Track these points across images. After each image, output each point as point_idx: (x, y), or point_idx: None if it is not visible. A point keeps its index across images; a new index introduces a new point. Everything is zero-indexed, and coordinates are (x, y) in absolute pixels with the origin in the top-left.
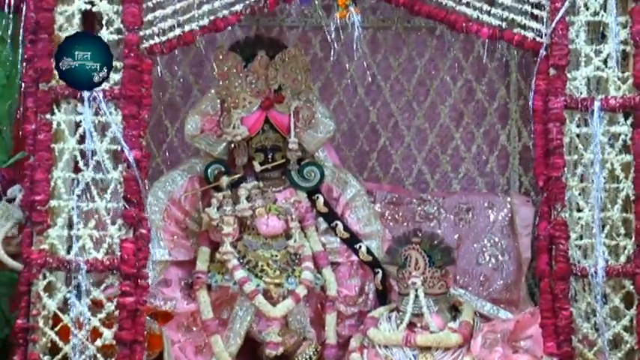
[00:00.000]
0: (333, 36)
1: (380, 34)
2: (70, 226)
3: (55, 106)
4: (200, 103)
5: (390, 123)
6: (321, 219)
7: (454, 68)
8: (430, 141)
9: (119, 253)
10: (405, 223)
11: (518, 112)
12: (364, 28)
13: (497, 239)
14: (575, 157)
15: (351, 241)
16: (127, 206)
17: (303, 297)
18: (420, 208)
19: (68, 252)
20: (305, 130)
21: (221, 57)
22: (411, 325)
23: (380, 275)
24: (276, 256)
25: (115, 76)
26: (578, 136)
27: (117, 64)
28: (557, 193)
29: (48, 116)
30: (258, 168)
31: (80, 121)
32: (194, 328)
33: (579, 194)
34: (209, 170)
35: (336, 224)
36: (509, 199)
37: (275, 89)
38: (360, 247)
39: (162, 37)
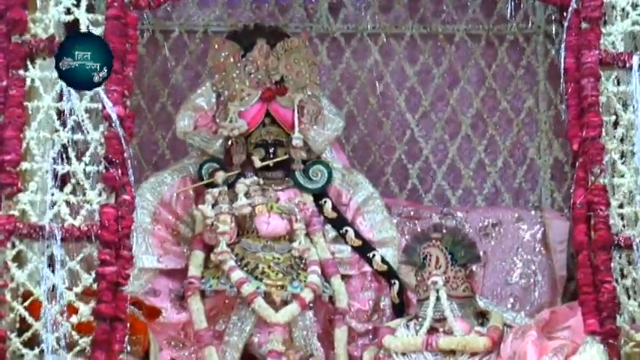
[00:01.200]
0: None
1: (394, 40)
2: (44, 190)
3: (29, 62)
4: (194, 97)
5: (405, 135)
6: (329, 226)
7: (476, 76)
8: (451, 154)
9: (99, 220)
10: None
11: (549, 123)
12: (376, 35)
13: (528, 256)
14: (613, 117)
15: (364, 249)
16: (108, 167)
17: (309, 304)
18: (440, 222)
19: (42, 219)
20: (311, 126)
21: (217, 46)
22: (432, 331)
23: (397, 287)
24: (279, 259)
25: (96, 30)
26: (615, 95)
27: (98, 16)
28: (595, 155)
29: (21, 72)
30: (257, 164)
31: (57, 79)
32: (186, 344)
33: (619, 158)
34: (203, 169)
35: (347, 231)
36: (540, 213)
37: (277, 80)
38: (374, 256)
39: None
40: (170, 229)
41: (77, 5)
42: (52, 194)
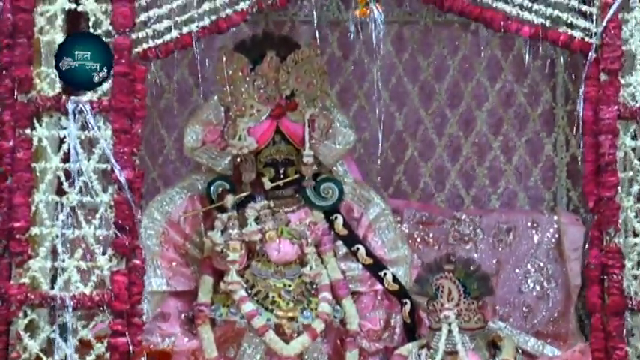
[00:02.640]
0: (352, 32)
1: (406, 30)
2: (54, 256)
3: (35, 120)
4: (201, 111)
5: (418, 131)
6: (340, 242)
7: (492, 68)
8: (465, 151)
9: (110, 287)
10: (437, 246)
11: (566, 118)
12: (389, 23)
13: (542, 264)
14: (630, 173)
15: (375, 267)
16: (118, 234)
17: (321, 332)
18: (453, 229)
19: (52, 286)
20: (321, 141)
21: (224, 58)
22: None
23: (408, 306)
24: (289, 285)
25: (103, 86)
26: (633, 150)
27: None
28: (610, 216)
29: (28, 131)
30: (268, 185)
31: (64, 137)
32: None
33: (635, 217)
34: (212, 188)
35: (358, 248)
36: (555, 217)
37: (287, 95)
38: (385, 274)
39: (157, 40)
40: (179, 249)
41: None
42: (63, 260)
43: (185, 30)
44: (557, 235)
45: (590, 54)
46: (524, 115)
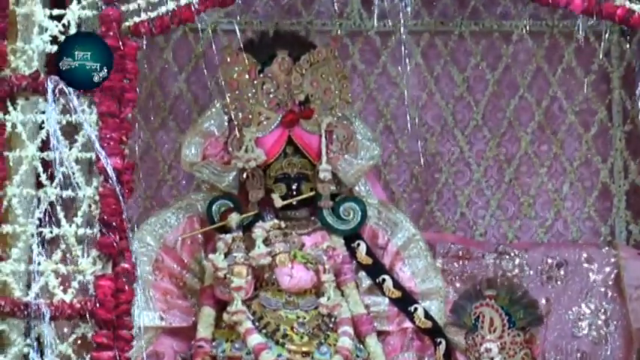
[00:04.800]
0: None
1: (439, 40)
2: (29, 258)
3: (9, 102)
4: (201, 120)
5: (453, 154)
6: (363, 273)
7: (537, 83)
8: (507, 177)
9: (93, 294)
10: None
11: (624, 140)
12: (419, 33)
13: (598, 304)
14: None
15: (404, 302)
16: (103, 232)
17: None
18: (495, 264)
19: (26, 293)
20: (341, 154)
21: (229, 59)
22: None
23: (443, 347)
24: (304, 317)
25: None
26: None
27: None
28: None
29: (0, 115)
30: (278, 203)
31: (42, 122)
32: None
33: None
34: (213, 207)
35: (384, 280)
36: (614, 251)
37: (301, 101)
38: (416, 309)
39: (150, 12)
40: (174, 279)
41: (65, 33)
42: (39, 263)
43: (184, 1)
44: (615, 272)
45: None
46: (575, 137)
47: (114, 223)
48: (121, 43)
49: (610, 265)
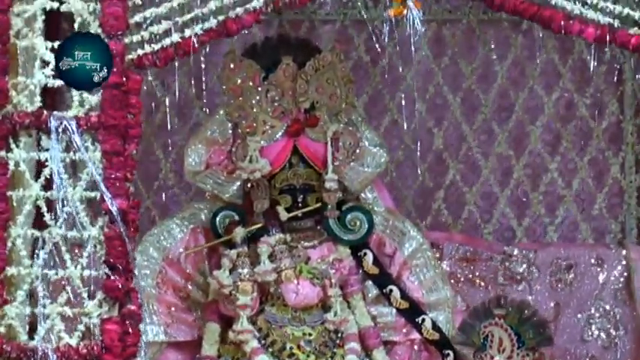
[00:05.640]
0: (384, 32)
1: (446, 30)
2: (34, 301)
3: (11, 140)
4: (205, 127)
5: (461, 150)
6: (370, 283)
7: (548, 75)
8: (516, 174)
9: (100, 338)
10: (484, 287)
11: (635, 133)
12: (426, 22)
13: (608, 307)
14: None
15: (411, 312)
16: (109, 274)
17: None
18: (503, 266)
19: (31, 337)
20: (347, 162)
21: (232, 65)
22: None
23: (450, 358)
24: (310, 334)
25: (91, 99)
26: None
27: None
28: None
29: (2, 153)
30: (284, 216)
31: (46, 160)
32: None
33: None
34: (218, 219)
35: (391, 290)
36: (624, 252)
37: (306, 108)
38: (424, 320)
39: (154, 44)
40: (178, 291)
41: None
42: (44, 306)
43: (187, 33)
44: (626, 274)
45: None
46: (586, 131)
47: (119, 266)
48: (125, 77)
49: (620, 267)
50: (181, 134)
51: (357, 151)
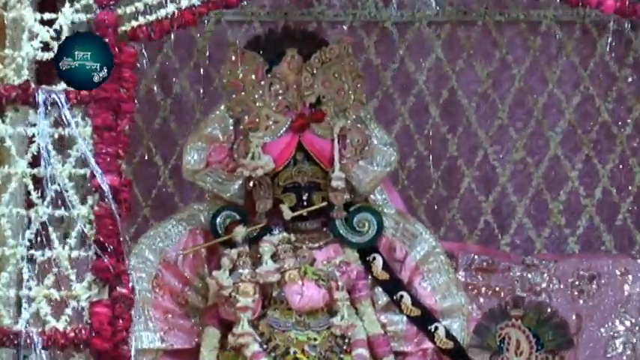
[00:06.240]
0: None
1: (461, 31)
2: (19, 284)
3: None
4: (205, 124)
5: (476, 157)
6: (379, 289)
7: (568, 78)
8: (535, 182)
9: (89, 322)
10: (502, 299)
11: None
12: (439, 24)
13: (634, 320)
14: None
15: (424, 320)
16: (99, 254)
17: None
18: (522, 277)
19: (16, 321)
20: (355, 161)
21: (234, 58)
22: None
23: None
24: (315, 339)
25: None
26: None
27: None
28: None
29: None
30: (288, 215)
31: (33, 135)
32: None
33: None
34: (218, 219)
35: (402, 296)
36: None
37: (312, 103)
38: (437, 328)
39: (148, 15)
40: (176, 296)
41: (57, 39)
42: (30, 289)
43: (184, 3)
44: None
45: None
46: (609, 137)
47: (110, 246)
48: (117, 49)
49: None
50: (181, 139)
51: (366, 148)
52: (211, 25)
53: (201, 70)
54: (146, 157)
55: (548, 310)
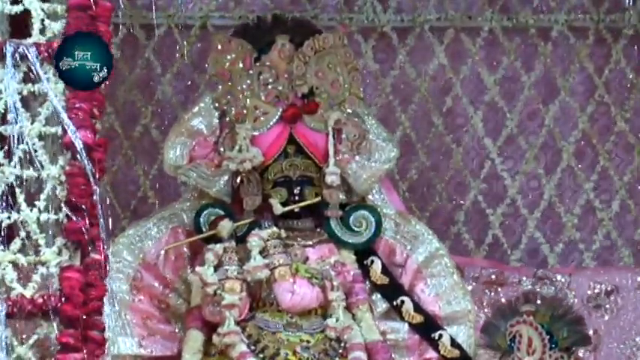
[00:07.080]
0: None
1: (466, 37)
2: None
3: None
4: (188, 117)
5: (484, 168)
6: (378, 295)
7: (581, 85)
8: (547, 194)
9: (59, 288)
10: None
11: None
12: (442, 29)
13: None
14: None
15: (427, 328)
16: (71, 216)
17: None
18: (533, 290)
19: None
20: (351, 156)
21: (220, 46)
22: None
23: None
24: (308, 341)
25: (54, 26)
26: None
27: (57, 6)
28: None
29: None
30: (278, 210)
31: (0, 91)
32: None
33: None
34: (202, 217)
35: (402, 302)
36: None
37: (304, 93)
38: (441, 336)
39: None
40: (156, 300)
41: None
42: None
43: None
44: None
45: None
46: (625, 147)
47: (83, 206)
48: (92, 1)
49: None
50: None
51: (363, 144)
52: (196, 30)
53: (185, 76)
54: (126, 167)
55: (563, 305)
